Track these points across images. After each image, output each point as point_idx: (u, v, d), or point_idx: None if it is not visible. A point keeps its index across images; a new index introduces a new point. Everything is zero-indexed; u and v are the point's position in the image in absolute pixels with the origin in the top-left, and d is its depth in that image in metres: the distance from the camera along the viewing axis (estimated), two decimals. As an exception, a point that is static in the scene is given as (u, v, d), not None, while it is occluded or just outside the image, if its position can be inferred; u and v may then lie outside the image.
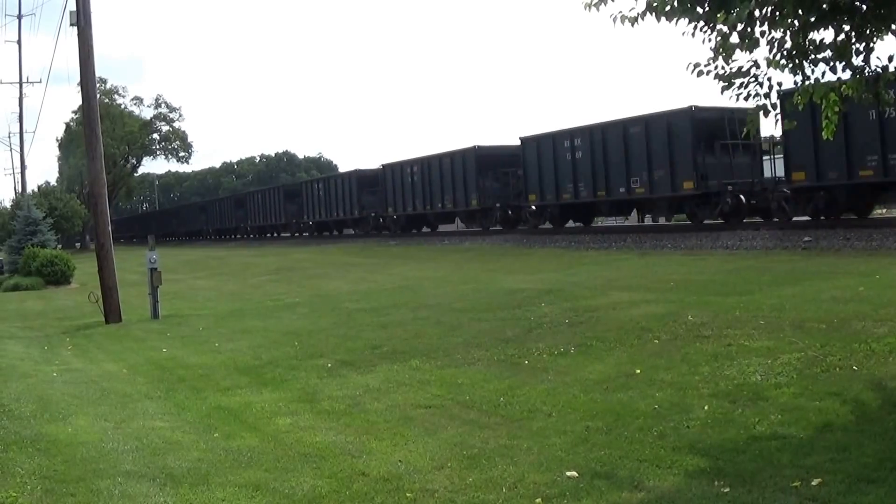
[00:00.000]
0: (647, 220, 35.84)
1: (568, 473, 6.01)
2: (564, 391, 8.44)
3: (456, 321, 13.59)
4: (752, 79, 7.07)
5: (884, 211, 31.89)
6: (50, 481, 6.37)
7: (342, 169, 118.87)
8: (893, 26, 6.67)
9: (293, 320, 15.93)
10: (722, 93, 7.19)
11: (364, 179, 50.80)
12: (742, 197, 27.82)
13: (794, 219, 25.85)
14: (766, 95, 7.21)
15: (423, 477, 6.23)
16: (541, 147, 35.08)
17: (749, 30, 6.50)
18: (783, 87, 7.33)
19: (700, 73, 7.21)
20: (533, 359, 10.15)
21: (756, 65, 6.93)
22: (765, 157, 28.88)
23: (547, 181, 34.61)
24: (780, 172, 26.51)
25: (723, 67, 7.03)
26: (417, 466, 6.46)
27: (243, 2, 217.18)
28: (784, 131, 23.90)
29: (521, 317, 13.33)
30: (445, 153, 42.45)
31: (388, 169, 47.14)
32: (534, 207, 36.27)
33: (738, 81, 7.12)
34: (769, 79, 7.11)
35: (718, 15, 6.71)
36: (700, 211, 29.11)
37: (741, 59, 6.92)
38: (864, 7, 6.49)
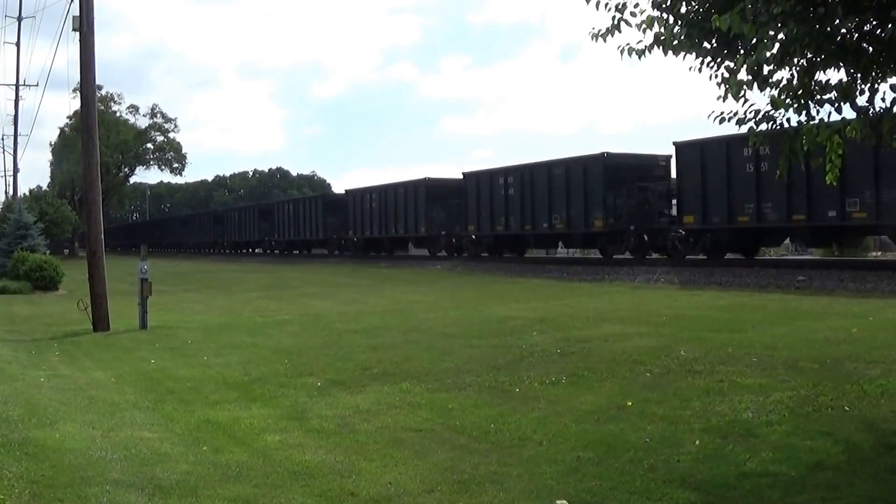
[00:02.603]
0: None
1: (558, 502, 5.99)
2: (555, 420, 8.41)
3: (447, 346, 13.57)
4: (771, 121, 7.12)
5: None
6: (37, 486, 6.33)
7: (336, 188, 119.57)
8: None
9: (283, 338, 15.87)
10: (738, 126, 7.22)
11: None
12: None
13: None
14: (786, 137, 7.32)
15: (413, 500, 6.20)
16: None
17: (757, 68, 6.54)
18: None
19: (722, 121, 7.27)
20: (524, 387, 10.13)
21: (780, 107, 6.98)
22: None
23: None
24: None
25: (745, 114, 7.08)
26: (407, 489, 6.43)
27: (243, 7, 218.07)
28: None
29: (513, 345, 13.31)
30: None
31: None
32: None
33: (761, 126, 7.18)
34: (787, 120, 7.16)
35: (738, 57, 6.76)
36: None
37: (752, 98, 6.96)
38: (871, 49, 6.54)
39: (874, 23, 6.37)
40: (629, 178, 31.42)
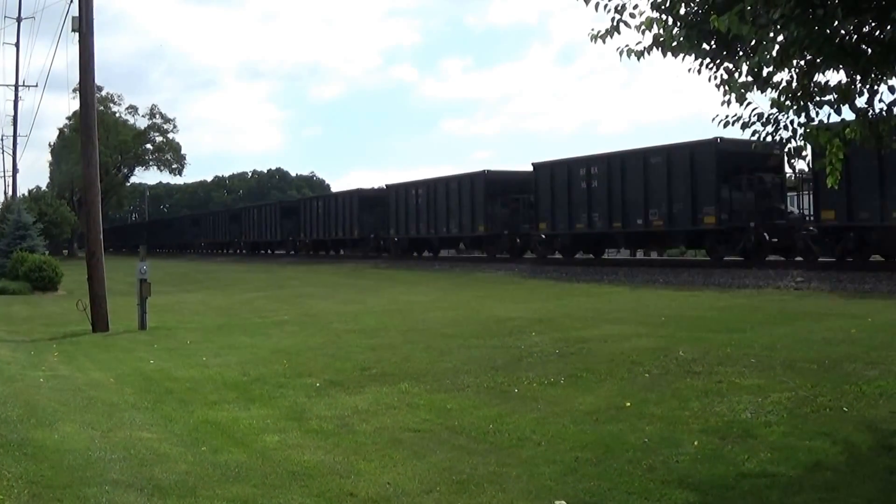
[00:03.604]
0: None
1: (557, 502, 5.99)
2: (554, 421, 8.41)
3: (446, 346, 13.57)
4: (775, 123, 7.14)
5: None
6: (37, 486, 6.33)
7: (335, 188, 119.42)
8: None
9: (282, 338, 15.87)
10: (742, 130, 7.24)
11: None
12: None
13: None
14: (790, 139, 7.34)
15: (412, 500, 6.21)
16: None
17: (757, 70, 6.55)
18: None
19: (727, 125, 7.29)
20: (523, 387, 10.13)
21: (780, 108, 6.99)
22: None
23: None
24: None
25: (750, 117, 7.10)
26: (406, 489, 6.43)
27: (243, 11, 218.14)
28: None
29: (512, 345, 13.32)
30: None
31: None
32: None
33: (764, 129, 7.20)
34: (792, 122, 7.18)
35: (737, 59, 6.78)
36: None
37: (753, 99, 6.98)
38: (870, 50, 6.55)
39: (873, 24, 6.38)
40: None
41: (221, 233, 77.50)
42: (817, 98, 6.98)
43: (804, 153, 7.66)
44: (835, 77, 6.94)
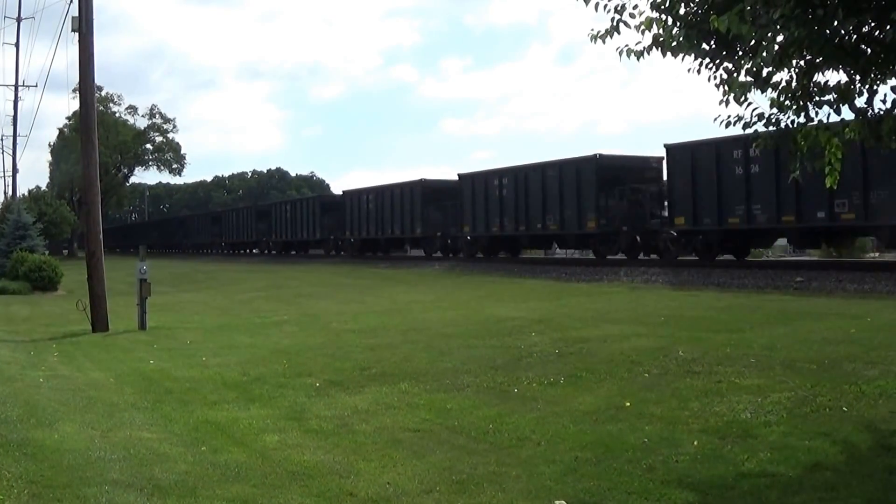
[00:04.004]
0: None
1: (556, 502, 6.00)
2: (554, 421, 8.42)
3: (445, 346, 13.57)
4: (776, 123, 7.15)
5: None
6: (36, 486, 6.34)
7: (334, 188, 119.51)
8: None
9: (281, 338, 15.88)
10: (744, 130, 7.25)
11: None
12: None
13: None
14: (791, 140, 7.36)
15: (412, 500, 6.21)
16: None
17: (757, 70, 6.56)
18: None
19: (728, 125, 7.30)
20: (522, 387, 10.14)
21: (780, 108, 7.00)
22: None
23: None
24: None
25: (752, 117, 7.12)
26: (406, 489, 6.44)
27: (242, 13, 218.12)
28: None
29: (511, 345, 13.32)
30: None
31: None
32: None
33: (764, 130, 7.22)
34: (792, 122, 7.18)
35: (736, 59, 6.79)
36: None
37: (754, 100, 6.98)
38: (870, 50, 6.55)
39: (873, 24, 6.38)
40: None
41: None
42: (817, 98, 6.98)
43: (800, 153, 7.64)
44: (834, 77, 6.94)
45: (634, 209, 32.01)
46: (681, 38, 7.01)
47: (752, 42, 6.54)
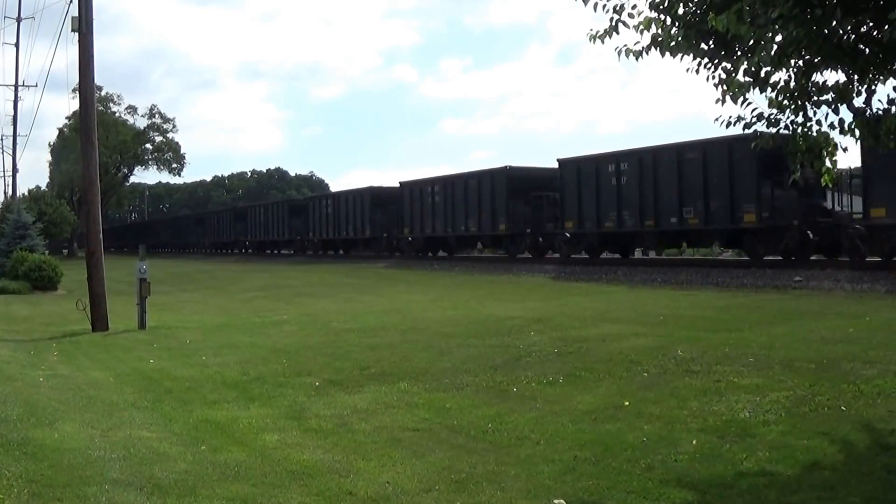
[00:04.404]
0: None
1: (556, 501, 6.01)
2: (553, 420, 8.43)
3: (445, 346, 13.59)
4: (775, 124, 7.17)
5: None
6: (37, 485, 6.35)
7: (334, 188, 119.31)
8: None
9: (281, 337, 15.89)
10: (744, 130, 7.26)
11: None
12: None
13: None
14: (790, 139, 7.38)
15: (411, 499, 6.22)
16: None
17: (755, 70, 6.57)
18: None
19: (729, 125, 7.32)
20: (521, 387, 10.15)
21: (778, 108, 7.02)
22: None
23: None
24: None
25: (752, 117, 7.13)
26: (405, 488, 6.45)
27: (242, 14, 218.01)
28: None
29: (510, 344, 13.33)
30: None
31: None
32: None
33: (764, 129, 7.24)
34: (791, 122, 7.20)
35: (735, 58, 6.80)
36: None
37: (752, 100, 7.00)
38: (868, 50, 6.56)
39: (871, 24, 6.40)
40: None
41: (225, 232, 78.22)
42: (815, 98, 6.99)
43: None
44: (833, 77, 6.96)
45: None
46: (679, 38, 7.03)
47: (751, 42, 6.56)
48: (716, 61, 7.14)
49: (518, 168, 38.50)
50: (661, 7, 7.16)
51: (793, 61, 6.67)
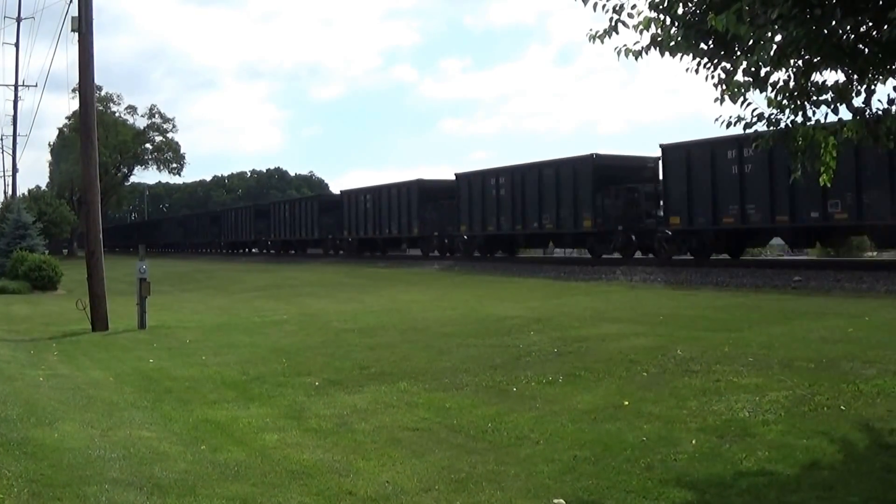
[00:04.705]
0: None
1: (555, 501, 6.01)
2: (552, 420, 8.43)
3: (444, 345, 13.59)
4: (775, 124, 7.17)
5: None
6: (36, 485, 6.35)
7: (333, 188, 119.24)
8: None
9: (280, 337, 15.89)
10: (744, 130, 7.26)
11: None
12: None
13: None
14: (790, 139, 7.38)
15: (411, 499, 6.23)
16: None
17: (755, 70, 6.57)
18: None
19: (729, 125, 7.32)
20: (521, 386, 10.15)
21: (778, 107, 7.02)
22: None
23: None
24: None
25: (752, 117, 7.14)
26: (405, 488, 6.45)
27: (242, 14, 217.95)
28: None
29: (510, 344, 13.34)
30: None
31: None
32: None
33: (766, 129, 7.24)
34: (792, 121, 7.20)
35: (734, 58, 6.80)
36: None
37: (752, 99, 7.00)
38: (867, 50, 6.57)
39: (871, 24, 6.40)
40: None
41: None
42: (814, 98, 7.00)
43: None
44: (832, 77, 6.96)
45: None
46: (679, 38, 7.02)
47: (750, 42, 6.55)
48: (715, 61, 7.13)
49: (606, 156, 33.18)
50: (661, 7, 7.15)
51: (792, 61, 6.66)
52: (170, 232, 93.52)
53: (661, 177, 30.76)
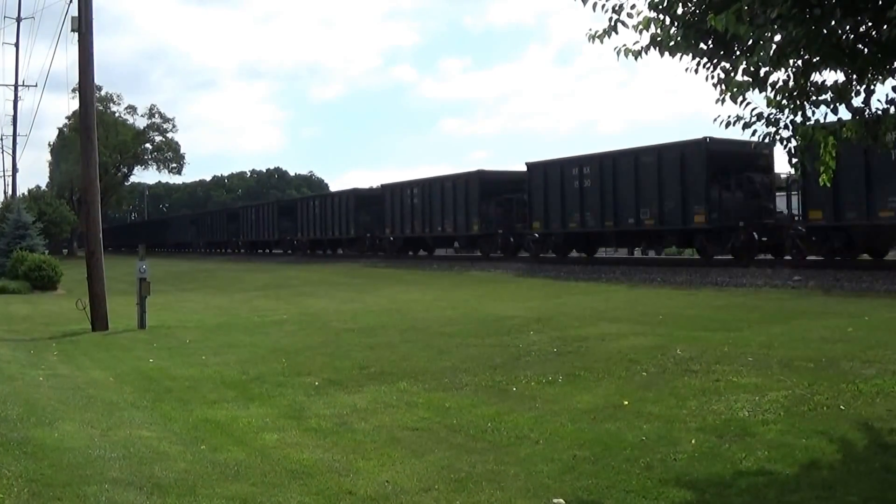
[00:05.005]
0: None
1: (555, 501, 6.01)
2: (552, 419, 8.44)
3: (444, 345, 13.59)
4: (774, 123, 7.17)
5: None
6: (37, 485, 6.35)
7: (333, 188, 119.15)
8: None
9: (281, 337, 15.89)
10: (743, 130, 7.27)
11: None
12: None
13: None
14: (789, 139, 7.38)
15: (410, 498, 6.22)
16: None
17: (754, 70, 6.57)
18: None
19: (728, 125, 7.32)
20: (521, 386, 10.15)
21: (777, 107, 7.02)
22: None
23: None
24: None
25: (751, 116, 7.13)
26: (404, 487, 6.45)
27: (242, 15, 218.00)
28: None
29: (510, 344, 13.34)
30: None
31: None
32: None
33: (763, 129, 7.24)
34: (792, 122, 7.20)
35: (734, 58, 6.80)
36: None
37: (751, 99, 7.00)
38: (866, 50, 6.57)
39: (870, 24, 6.40)
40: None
41: (219, 232, 79.35)
42: (814, 98, 7.00)
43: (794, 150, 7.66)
44: (831, 77, 6.96)
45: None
46: (678, 38, 7.02)
47: (750, 41, 6.55)
48: (715, 61, 7.14)
49: (720, 140, 27.13)
50: (660, 7, 7.15)
51: (791, 61, 6.67)
52: (181, 230, 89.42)
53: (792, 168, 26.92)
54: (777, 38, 6.34)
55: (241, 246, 70.69)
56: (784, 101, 7.01)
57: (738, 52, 6.89)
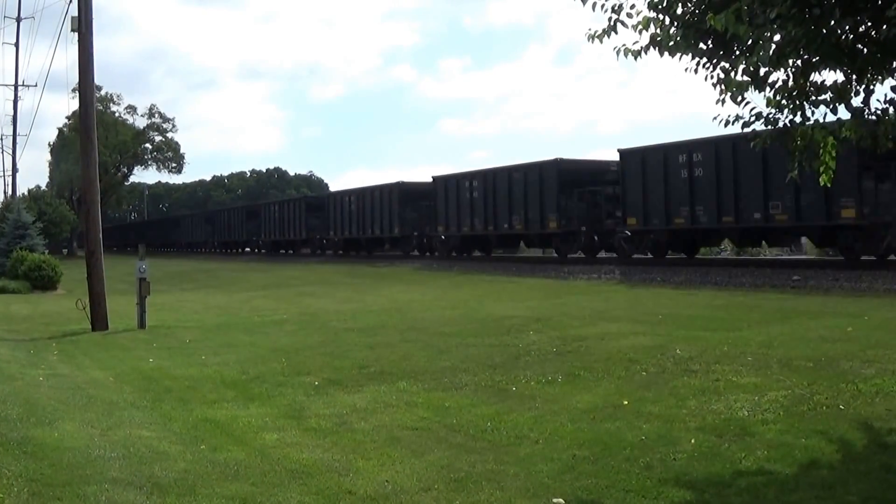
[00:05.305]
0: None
1: (555, 500, 6.02)
2: (552, 419, 8.44)
3: (444, 345, 13.60)
4: (773, 123, 7.18)
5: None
6: (36, 484, 6.36)
7: (333, 188, 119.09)
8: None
9: (280, 337, 15.89)
10: (743, 129, 7.26)
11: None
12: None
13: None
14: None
15: (410, 498, 6.23)
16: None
17: (754, 70, 6.58)
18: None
19: (727, 124, 7.33)
20: (521, 386, 10.15)
21: (777, 107, 7.03)
22: None
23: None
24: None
25: (750, 116, 7.14)
26: (404, 487, 6.46)
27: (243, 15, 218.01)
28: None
29: (510, 344, 13.34)
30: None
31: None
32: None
33: (762, 128, 7.25)
34: (791, 121, 7.21)
35: (734, 58, 6.80)
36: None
37: (751, 99, 7.01)
38: (866, 50, 6.57)
39: (869, 24, 6.40)
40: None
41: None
42: (813, 97, 7.00)
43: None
44: (831, 77, 6.96)
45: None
46: (678, 38, 7.01)
47: (749, 41, 6.56)
48: (714, 61, 7.14)
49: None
50: (660, 7, 7.16)
51: (791, 61, 6.67)
52: (194, 229, 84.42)
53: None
54: (776, 37, 6.34)
55: (262, 246, 66.04)
56: (784, 101, 7.01)
57: (737, 52, 6.89)
